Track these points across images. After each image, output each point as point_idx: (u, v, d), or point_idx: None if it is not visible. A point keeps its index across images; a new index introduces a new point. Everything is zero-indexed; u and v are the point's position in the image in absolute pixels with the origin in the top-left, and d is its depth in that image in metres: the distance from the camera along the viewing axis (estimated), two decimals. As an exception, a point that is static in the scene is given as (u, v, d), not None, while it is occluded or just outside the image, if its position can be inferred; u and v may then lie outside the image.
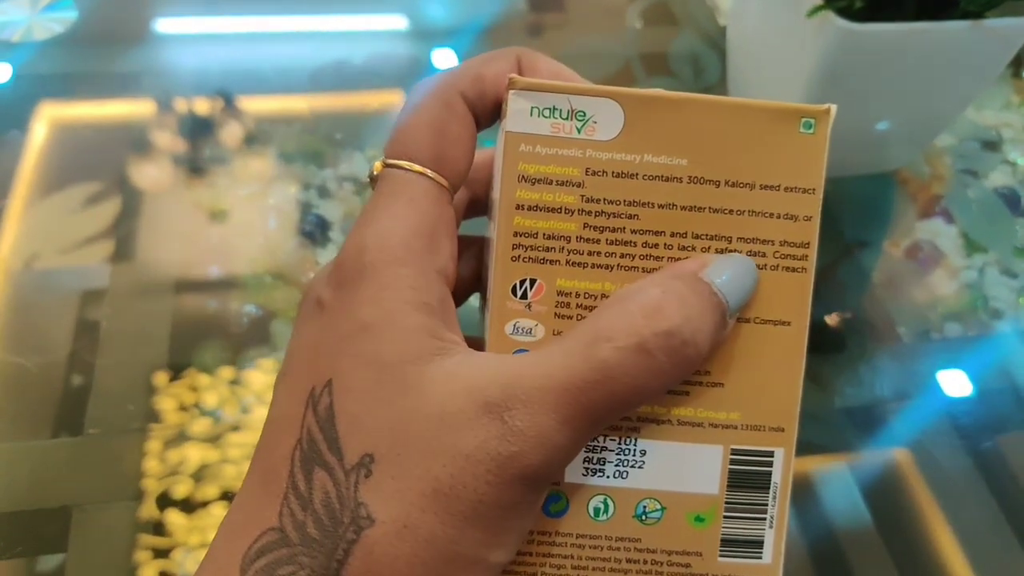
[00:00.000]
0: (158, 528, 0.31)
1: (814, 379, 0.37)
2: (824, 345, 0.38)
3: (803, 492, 0.34)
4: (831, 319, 0.39)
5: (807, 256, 0.18)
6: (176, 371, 0.36)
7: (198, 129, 0.44)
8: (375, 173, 0.19)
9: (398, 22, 0.52)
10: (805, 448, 0.19)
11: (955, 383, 0.37)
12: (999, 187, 0.45)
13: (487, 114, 0.19)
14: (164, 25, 0.50)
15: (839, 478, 0.34)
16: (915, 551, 0.32)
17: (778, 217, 0.18)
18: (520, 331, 0.18)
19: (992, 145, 0.47)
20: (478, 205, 0.23)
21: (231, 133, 0.44)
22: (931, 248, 0.42)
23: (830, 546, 0.32)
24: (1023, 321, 0.40)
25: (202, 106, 0.45)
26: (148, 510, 0.31)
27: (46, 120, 0.44)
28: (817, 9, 0.34)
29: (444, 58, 0.49)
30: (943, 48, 0.35)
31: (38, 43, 0.48)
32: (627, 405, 0.17)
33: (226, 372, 0.35)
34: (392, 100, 0.47)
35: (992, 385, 0.37)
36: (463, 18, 0.52)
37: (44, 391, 0.34)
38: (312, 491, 0.16)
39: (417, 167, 0.18)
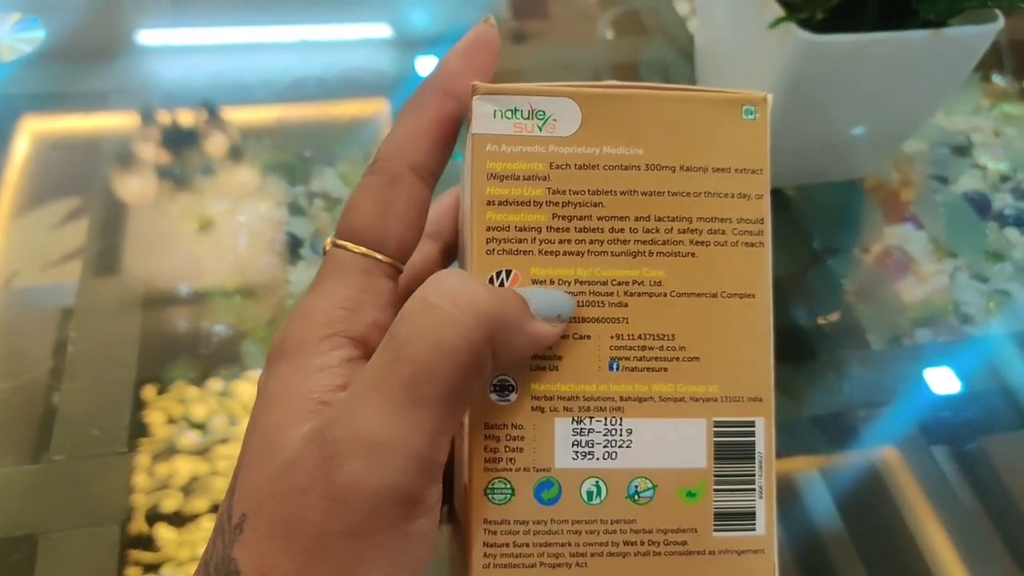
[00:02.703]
0: (147, 543, 0.32)
1: (783, 387, 0.37)
2: (794, 353, 0.38)
3: (779, 500, 0.34)
4: (806, 326, 0.39)
5: (763, 231, 0.20)
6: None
7: (182, 141, 0.44)
8: (326, 250, 0.21)
9: (382, 31, 0.52)
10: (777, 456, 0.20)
11: (926, 389, 0.38)
12: (969, 192, 0.45)
13: (445, 155, 0.21)
14: (145, 37, 0.50)
15: (812, 486, 0.34)
16: (892, 556, 0.33)
17: (732, 197, 0.20)
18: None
19: (962, 150, 0.47)
20: (450, 253, 0.25)
21: (215, 144, 0.44)
22: (901, 254, 0.42)
23: (810, 553, 0.33)
24: (994, 326, 0.40)
25: (186, 117, 0.45)
26: (137, 525, 0.32)
27: (27, 135, 0.45)
28: (779, 20, 0.35)
29: (428, 66, 0.50)
30: (905, 57, 0.36)
31: (11, 65, 0.48)
32: (441, 373, 0.16)
33: (214, 384, 0.36)
34: (376, 109, 0.47)
35: (964, 390, 0.38)
36: (446, 26, 0.52)
37: (21, 414, 0.35)
38: (212, 555, 0.17)
39: (357, 248, 0.20)
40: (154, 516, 0.32)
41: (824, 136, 0.40)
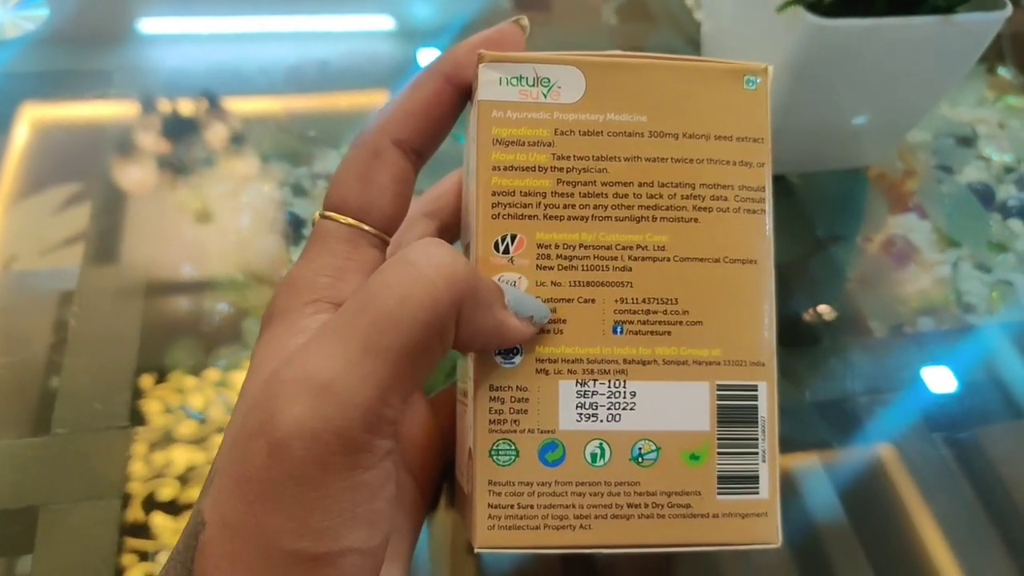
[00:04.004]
0: (143, 531, 0.32)
1: (785, 372, 0.37)
2: (796, 338, 0.38)
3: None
4: (808, 314, 0.39)
5: (764, 199, 0.20)
6: (150, 371, 0.36)
7: (182, 130, 0.44)
8: (314, 222, 0.21)
9: (383, 22, 0.52)
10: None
11: (928, 377, 0.38)
12: (973, 182, 0.45)
13: (434, 136, 0.21)
14: (147, 25, 0.50)
15: (813, 474, 0.34)
16: (892, 543, 0.33)
17: (734, 164, 0.20)
18: (505, 284, 0.19)
19: (966, 141, 0.47)
20: (449, 232, 0.26)
21: (216, 134, 0.44)
22: (905, 243, 0.42)
23: (810, 539, 0.33)
24: (996, 316, 0.40)
25: (186, 107, 0.45)
26: (133, 513, 0.32)
27: (27, 121, 0.45)
28: (788, 4, 0.35)
29: (430, 57, 0.49)
30: (913, 43, 0.36)
31: (14, 43, 0.48)
32: (402, 325, 0.16)
33: (212, 374, 0.36)
34: (377, 100, 0.47)
35: (965, 379, 0.38)
36: (448, 17, 0.52)
37: (19, 393, 0.35)
38: (193, 512, 0.18)
39: (343, 218, 0.20)
40: (150, 504, 0.32)
41: (830, 123, 0.40)
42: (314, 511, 0.16)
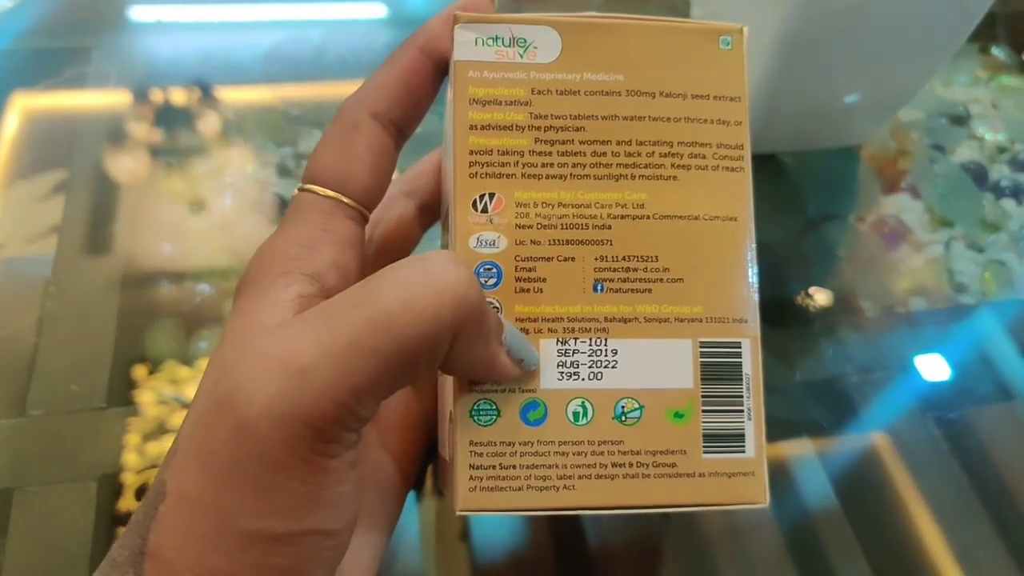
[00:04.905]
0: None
1: (776, 352, 0.37)
2: (787, 318, 0.38)
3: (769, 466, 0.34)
4: (800, 297, 0.39)
5: (743, 157, 0.20)
6: (129, 352, 0.36)
7: (174, 119, 0.44)
8: (293, 197, 0.21)
9: (378, 11, 0.52)
10: (767, 421, 0.19)
11: (919, 358, 0.38)
12: (966, 162, 0.45)
13: (412, 108, 0.22)
14: (138, 13, 0.50)
15: (804, 453, 0.34)
16: (883, 522, 0.33)
17: (711, 122, 0.20)
18: (483, 244, 0.20)
19: (960, 120, 0.47)
20: (428, 212, 0.26)
21: (208, 123, 0.44)
22: (897, 223, 0.42)
23: (801, 520, 0.33)
24: (988, 296, 0.40)
25: (178, 96, 0.45)
26: (126, 503, 0.32)
27: (17, 109, 0.44)
28: (777, -23, 0.34)
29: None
30: (905, 17, 0.36)
31: (8, 31, 0.48)
32: (398, 329, 0.16)
33: (205, 364, 0.35)
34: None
35: (957, 360, 0.38)
36: (443, 6, 0.52)
37: (3, 379, 0.35)
38: (156, 480, 0.18)
39: (321, 190, 0.20)
40: (143, 494, 0.32)
41: (822, 99, 0.40)
42: (276, 492, 0.16)
